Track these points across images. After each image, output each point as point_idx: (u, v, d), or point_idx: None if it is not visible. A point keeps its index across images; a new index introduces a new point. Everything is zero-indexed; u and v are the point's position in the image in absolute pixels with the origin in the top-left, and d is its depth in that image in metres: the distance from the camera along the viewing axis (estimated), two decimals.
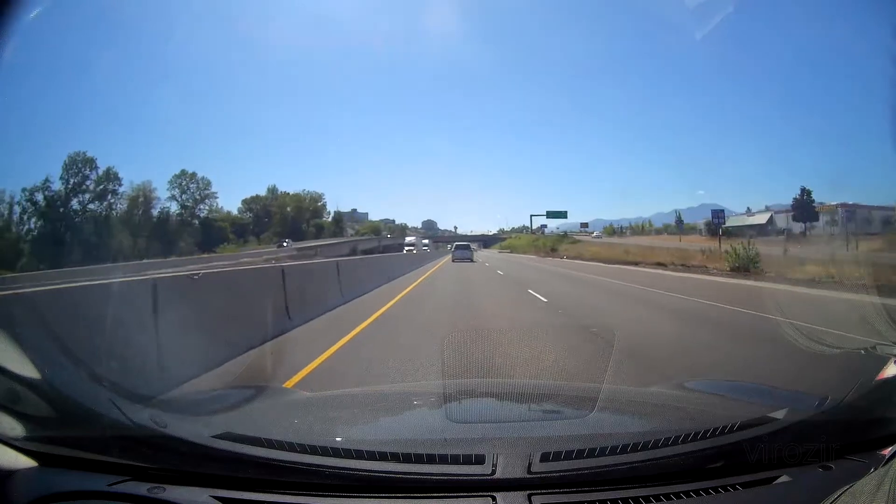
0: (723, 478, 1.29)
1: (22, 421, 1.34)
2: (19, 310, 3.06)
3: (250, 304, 6.37)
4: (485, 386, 2.66)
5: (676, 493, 1.23)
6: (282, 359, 5.40)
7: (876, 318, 5.92)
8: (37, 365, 1.44)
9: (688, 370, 4.79)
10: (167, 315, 4.28)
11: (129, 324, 3.93)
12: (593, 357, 5.12)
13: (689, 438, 1.36)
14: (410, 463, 1.30)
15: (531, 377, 4.30)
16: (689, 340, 6.59)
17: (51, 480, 1.27)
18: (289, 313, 7.40)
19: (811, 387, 3.08)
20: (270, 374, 4.77)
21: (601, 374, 3.93)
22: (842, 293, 11.59)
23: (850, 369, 4.18)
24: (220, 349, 5.06)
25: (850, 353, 4.95)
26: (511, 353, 5.17)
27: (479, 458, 1.28)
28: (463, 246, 37.54)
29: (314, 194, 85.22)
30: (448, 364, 3.11)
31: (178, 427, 1.44)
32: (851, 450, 1.37)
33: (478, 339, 4.55)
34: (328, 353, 5.65)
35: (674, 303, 10.82)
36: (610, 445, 1.31)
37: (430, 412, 2.09)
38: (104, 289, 4.15)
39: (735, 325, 7.87)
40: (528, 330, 7.01)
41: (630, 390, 2.94)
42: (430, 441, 1.53)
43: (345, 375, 4.78)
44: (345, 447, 1.32)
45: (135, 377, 3.73)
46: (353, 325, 7.45)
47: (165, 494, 1.22)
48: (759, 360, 5.38)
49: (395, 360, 5.20)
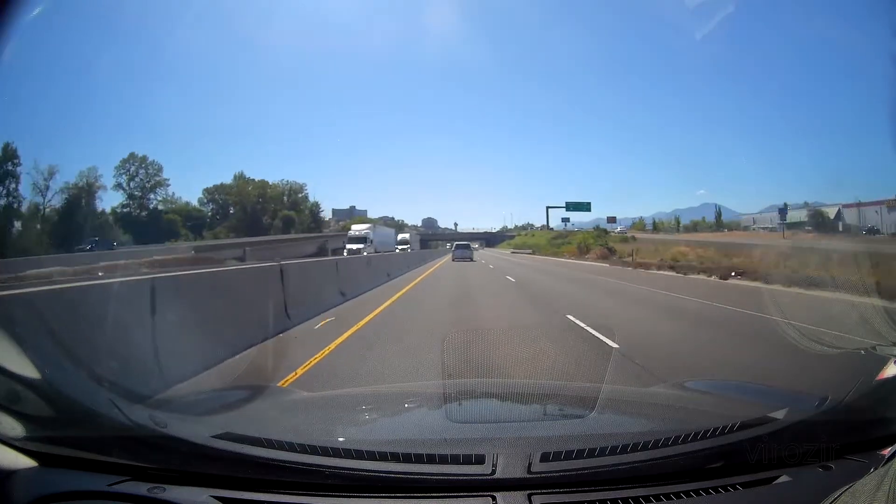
0: (723, 478, 1.29)
1: (22, 421, 1.34)
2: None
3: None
4: (485, 386, 2.66)
5: (676, 493, 1.23)
6: None
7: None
8: (37, 365, 1.44)
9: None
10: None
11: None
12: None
13: (689, 438, 1.36)
14: (410, 463, 1.30)
15: (531, 377, 4.28)
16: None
17: (51, 480, 1.27)
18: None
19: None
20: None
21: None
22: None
23: (850, 369, 4.18)
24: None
25: (850, 353, 4.94)
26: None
27: (479, 457, 1.28)
28: (463, 245, 38.86)
29: (294, 184, 73.86)
30: (448, 363, 3.10)
31: (177, 427, 1.44)
32: (851, 450, 1.37)
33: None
34: None
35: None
36: (610, 445, 1.31)
37: (429, 412, 2.09)
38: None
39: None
40: None
41: (630, 390, 2.95)
42: (430, 441, 1.53)
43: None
44: (345, 447, 1.32)
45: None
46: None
47: (165, 494, 1.22)
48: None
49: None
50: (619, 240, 47.40)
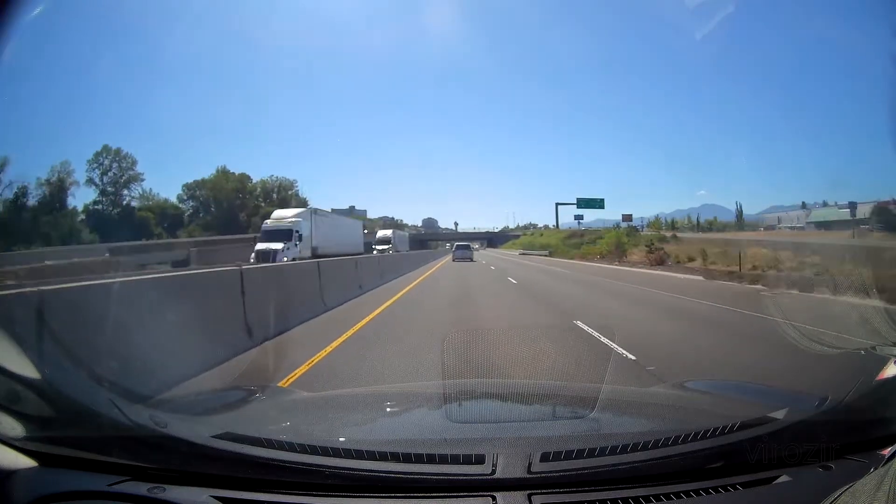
0: (723, 478, 1.29)
1: (22, 421, 1.34)
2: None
3: None
4: (485, 386, 2.66)
5: (677, 492, 1.23)
6: None
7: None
8: (37, 365, 1.44)
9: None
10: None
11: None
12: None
13: (689, 438, 1.36)
14: (410, 463, 1.29)
15: (530, 377, 4.29)
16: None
17: (51, 480, 1.27)
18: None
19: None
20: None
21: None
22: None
23: (850, 369, 4.18)
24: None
25: (851, 353, 4.94)
26: None
27: (479, 457, 1.28)
28: (463, 246, 40.42)
29: (284, 181, 68.59)
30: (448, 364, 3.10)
31: (177, 427, 1.44)
32: (851, 450, 1.37)
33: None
34: None
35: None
36: (610, 445, 1.31)
37: (430, 412, 2.09)
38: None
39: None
40: None
41: (630, 390, 2.94)
42: (430, 441, 1.53)
43: None
44: (345, 447, 1.32)
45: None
46: None
47: (165, 494, 1.22)
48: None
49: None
50: (657, 239, 37.16)
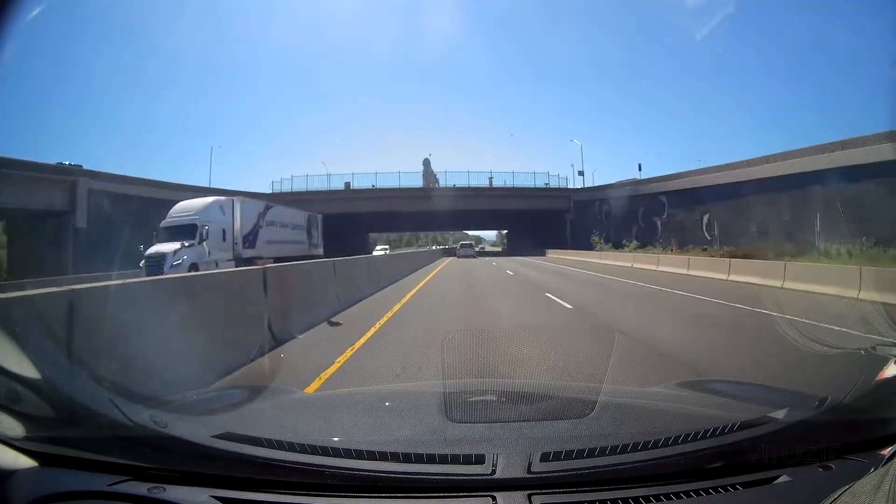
0: (723, 478, 1.29)
1: (22, 421, 1.34)
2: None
3: None
4: (485, 386, 2.66)
5: (676, 493, 1.23)
6: None
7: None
8: (37, 365, 1.44)
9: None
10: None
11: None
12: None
13: (689, 438, 1.36)
14: (410, 463, 1.29)
15: (530, 377, 4.28)
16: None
17: (51, 480, 1.27)
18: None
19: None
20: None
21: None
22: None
23: (850, 369, 4.18)
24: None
25: (851, 353, 4.94)
26: None
27: (479, 457, 1.28)
28: (466, 245, 46.36)
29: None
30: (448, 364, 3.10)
31: (178, 427, 1.44)
32: (851, 450, 1.37)
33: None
34: None
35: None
36: (610, 445, 1.31)
37: (429, 412, 2.09)
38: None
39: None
40: None
41: (630, 390, 2.94)
42: (430, 441, 1.53)
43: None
44: (345, 447, 1.32)
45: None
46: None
47: (165, 494, 1.22)
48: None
49: None
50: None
